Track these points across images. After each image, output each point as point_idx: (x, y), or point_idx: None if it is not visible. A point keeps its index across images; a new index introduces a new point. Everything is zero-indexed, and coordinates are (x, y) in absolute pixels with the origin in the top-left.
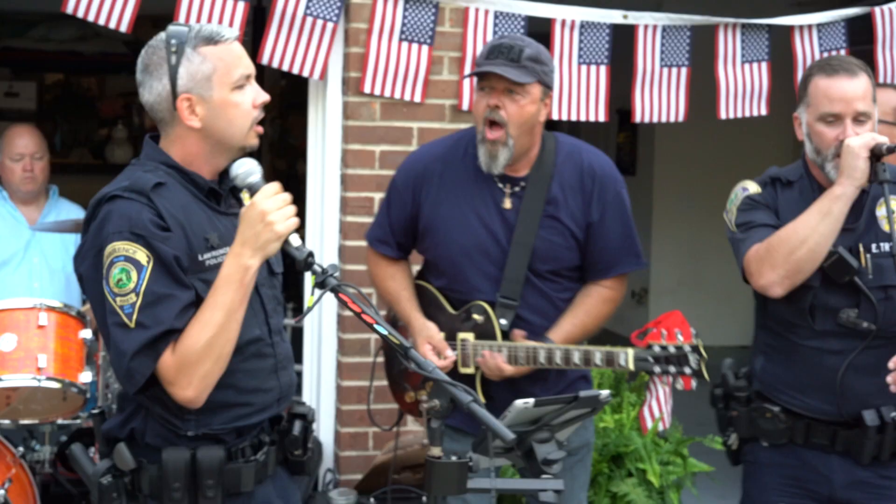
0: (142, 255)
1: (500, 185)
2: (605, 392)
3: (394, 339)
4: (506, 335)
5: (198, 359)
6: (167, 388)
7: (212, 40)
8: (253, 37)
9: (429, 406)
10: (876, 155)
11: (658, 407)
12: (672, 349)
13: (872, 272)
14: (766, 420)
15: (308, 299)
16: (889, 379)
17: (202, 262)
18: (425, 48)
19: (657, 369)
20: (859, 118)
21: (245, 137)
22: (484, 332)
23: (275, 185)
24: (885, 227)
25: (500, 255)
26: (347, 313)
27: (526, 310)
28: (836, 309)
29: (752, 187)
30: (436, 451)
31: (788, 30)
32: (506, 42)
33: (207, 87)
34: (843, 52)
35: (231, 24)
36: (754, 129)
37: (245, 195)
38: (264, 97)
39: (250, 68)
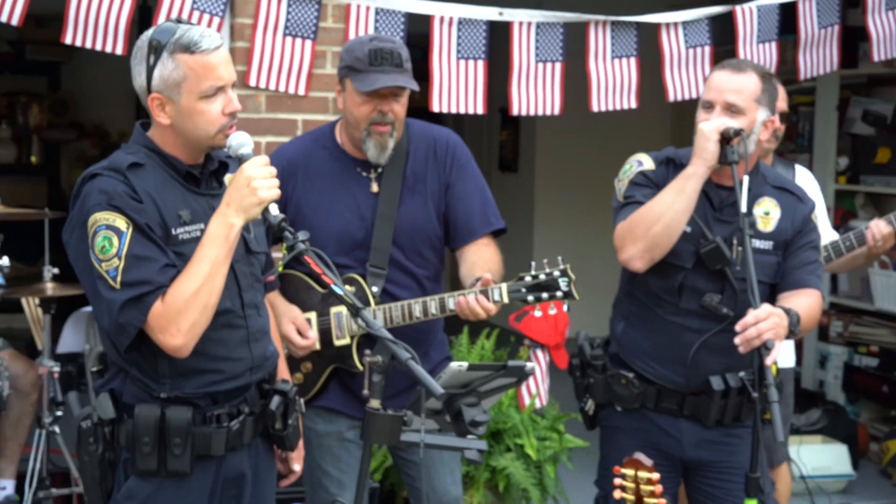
0: (121, 222)
1: (365, 174)
2: (529, 364)
3: (348, 299)
4: (378, 301)
5: (185, 307)
6: (157, 336)
7: (188, 49)
8: (140, 34)
9: (371, 360)
10: (725, 138)
11: (535, 385)
12: (542, 276)
13: (741, 264)
14: (621, 386)
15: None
16: (737, 340)
17: (175, 236)
18: (309, 43)
19: (530, 298)
20: (731, 109)
21: (211, 140)
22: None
23: (264, 158)
24: (760, 225)
25: (368, 234)
26: None
27: (391, 285)
28: (702, 291)
29: (647, 163)
30: (375, 403)
31: (656, 27)
32: (385, 46)
33: (177, 92)
34: (707, 48)
35: (118, 24)
36: (630, 124)
37: (228, 178)
38: (235, 107)
39: (224, 79)
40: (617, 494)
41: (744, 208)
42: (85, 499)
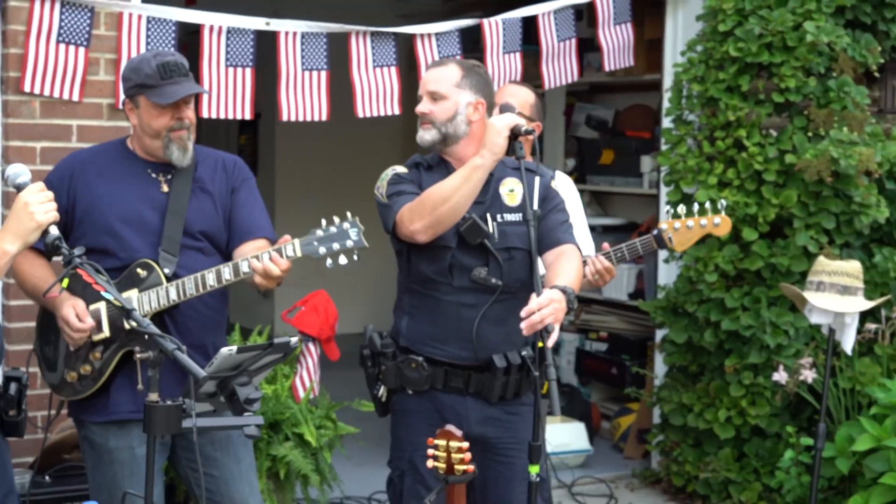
0: None
1: (155, 175)
2: (294, 339)
3: (117, 302)
4: (169, 280)
5: None
6: None
7: None
8: None
9: (143, 356)
10: (514, 134)
11: (308, 377)
12: (333, 228)
13: (498, 237)
14: (412, 370)
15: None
16: (522, 325)
17: None
18: (82, 50)
19: (322, 250)
20: (433, 96)
21: None
22: (149, 283)
23: (39, 184)
24: (507, 201)
25: (159, 224)
26: (11, 281)
27: (183, 270)
28: (470, 268)
29: (400, 168)
30: (153, 396)
31: (412, 38)
32: (169, 60)
33: None
34: (458, 58)
35: None
36: (366, 130)
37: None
38: None
39: None
40: (430, 464)
41: (535, 204)
42: None
